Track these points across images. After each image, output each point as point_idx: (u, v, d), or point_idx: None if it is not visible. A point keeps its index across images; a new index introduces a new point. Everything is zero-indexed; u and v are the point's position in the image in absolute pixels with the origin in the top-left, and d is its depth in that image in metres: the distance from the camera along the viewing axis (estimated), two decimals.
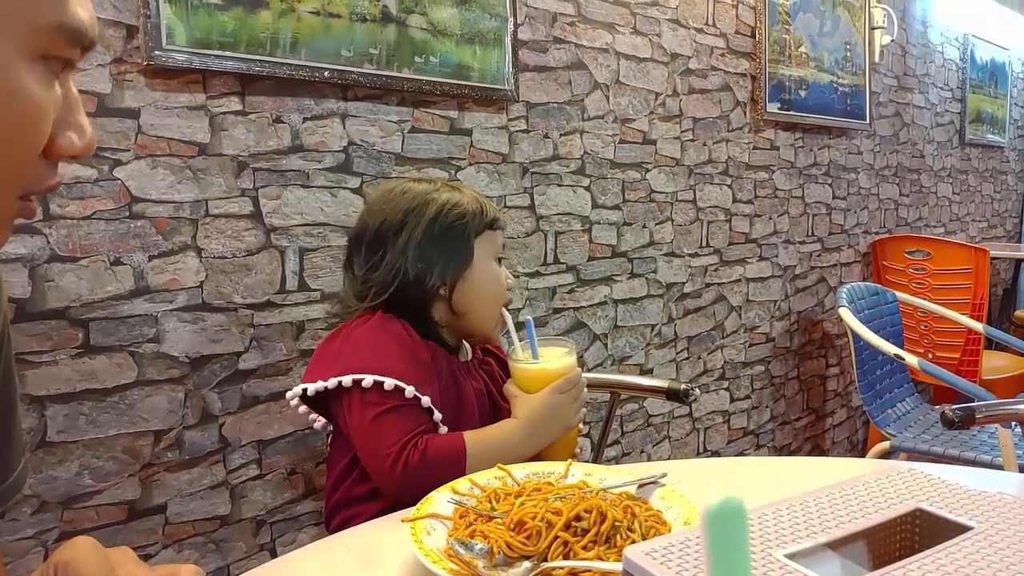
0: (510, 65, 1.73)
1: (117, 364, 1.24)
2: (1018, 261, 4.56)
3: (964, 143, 4.03)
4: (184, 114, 1.29)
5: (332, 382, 0.97)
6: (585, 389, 1.06)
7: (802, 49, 2.69)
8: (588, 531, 0.67)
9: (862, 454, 3.12)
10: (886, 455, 2.16)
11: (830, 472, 1.00)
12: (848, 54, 2.94)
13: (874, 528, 0.54)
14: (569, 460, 0.88)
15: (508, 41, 1.72)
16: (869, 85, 3.08)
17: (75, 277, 1.19)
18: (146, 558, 1.28)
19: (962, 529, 0.52)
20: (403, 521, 0.71)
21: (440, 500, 0.78)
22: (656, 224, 2.21)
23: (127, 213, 1.24)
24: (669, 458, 2.28)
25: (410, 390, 0.96)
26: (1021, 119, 4.78)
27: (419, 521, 0.72)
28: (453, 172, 1.67)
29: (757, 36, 2.50)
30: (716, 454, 2.50)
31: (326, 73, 1.41)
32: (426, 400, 0.97)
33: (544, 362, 1.07)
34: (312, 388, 0.99)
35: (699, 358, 2.41)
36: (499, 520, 0.71)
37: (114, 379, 1.24)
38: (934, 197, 3.79)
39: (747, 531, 0.28)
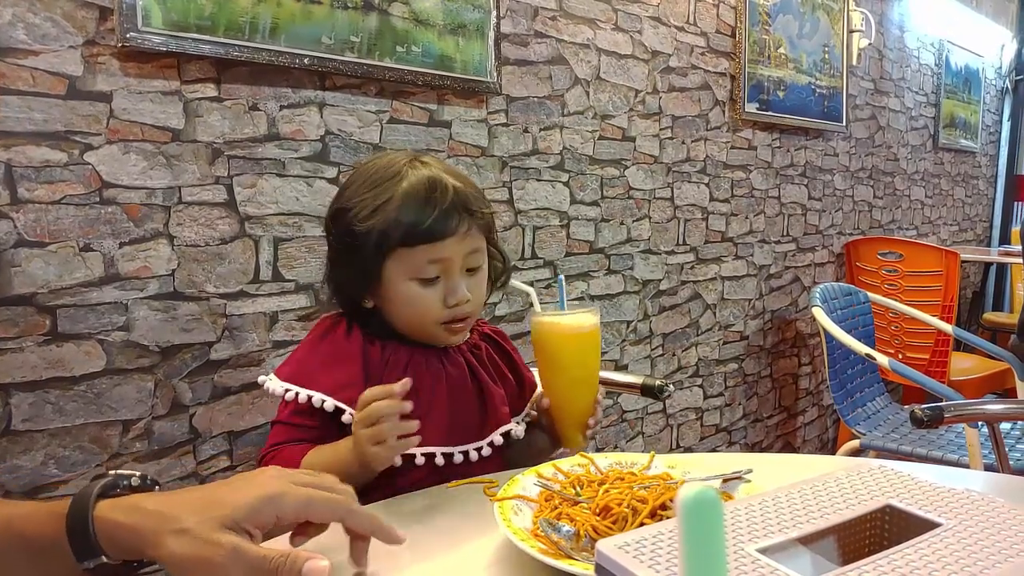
0: (493, 58, 1.72)
1: (85, 352, 1.22)
2: (987, 264, 4.65)
3: (937, 147, 4.09)
4: (158, 99, 1.27)
5: (271, 387, 0.97)
6: (383, 425, 0.83)
7: (781, 50, 2.71)
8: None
9: (832, 452, 3.16)
10: (856, 453, 2.19)
11: (801, 469, 1.00)
12: (826, 56, 2.97)
13: (844, 524, 0.55)
14: (652, 453, 0.88)
15: (491, 33, 1.71)
16: (846, 88, 3.11)
17: (43, 263, 1.17)
18: None
19: (931, 525, 0.53)
20: (492, 500, 0.72)
21: (526, 483, 0.79)
22: (634, 221, 2.22)
23: (98, 199, 1.22)
24: None
25: (303, 394, 0.92)
26: (993, 125, 4.86)
27: (507, 501, 0.73)
28: None
29: (737, 36, 2.51)
30: (689, 450, 2.51)
31: (306, 60, 1.40)
32: (330, 403, 0.92)
33: (558, 316, 1.01)
34: (271, 389, 0.98)
35: (674, 355, 2.43)
36: (584, 505, 0.73)
37: (82, 367, 1.21)
38: (907, 200, 3.84)
39: (722, 521, 0.28)
